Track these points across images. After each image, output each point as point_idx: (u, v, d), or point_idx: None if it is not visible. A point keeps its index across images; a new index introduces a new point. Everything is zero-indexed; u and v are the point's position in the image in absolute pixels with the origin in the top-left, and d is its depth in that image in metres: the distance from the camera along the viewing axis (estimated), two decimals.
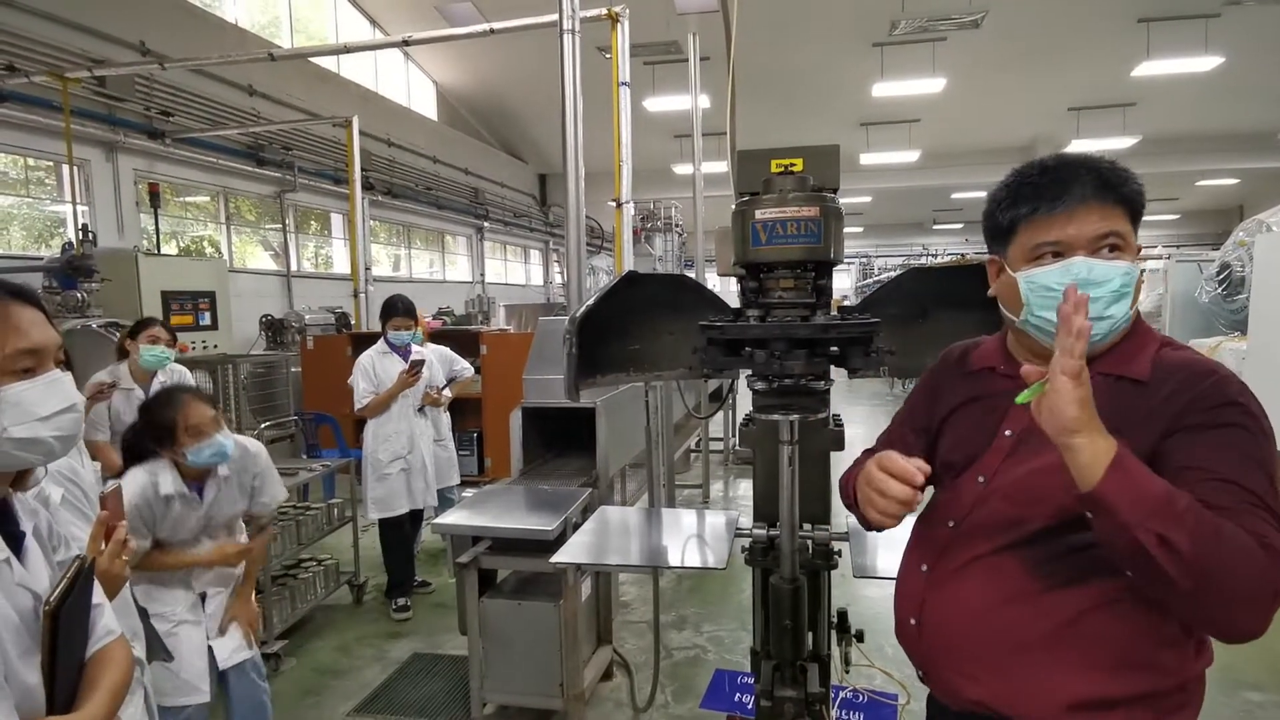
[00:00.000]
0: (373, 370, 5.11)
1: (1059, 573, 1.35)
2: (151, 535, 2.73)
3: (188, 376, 4.64)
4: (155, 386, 4.29)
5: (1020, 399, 1.24)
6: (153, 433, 2.73)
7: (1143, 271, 1.40)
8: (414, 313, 5.26)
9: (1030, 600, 1.37)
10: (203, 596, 2.91)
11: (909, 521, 1.56)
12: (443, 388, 5.43)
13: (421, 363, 5.11)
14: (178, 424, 2.69)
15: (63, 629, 1.30)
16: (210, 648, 2.87)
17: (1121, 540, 1.14)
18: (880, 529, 1.48)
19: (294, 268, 12.93)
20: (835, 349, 2.02)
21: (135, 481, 2.67)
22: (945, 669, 1.49)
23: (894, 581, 1.64)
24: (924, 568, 1.53)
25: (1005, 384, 1.47)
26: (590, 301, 2.11)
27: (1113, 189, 1.35)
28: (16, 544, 1.31)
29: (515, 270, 23.72)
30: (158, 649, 2.74)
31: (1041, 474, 1.34)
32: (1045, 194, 1.36)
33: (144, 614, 2.67)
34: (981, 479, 1.47)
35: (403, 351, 5.16)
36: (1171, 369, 1.33)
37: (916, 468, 1.39)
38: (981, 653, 1.42)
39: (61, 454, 1.38)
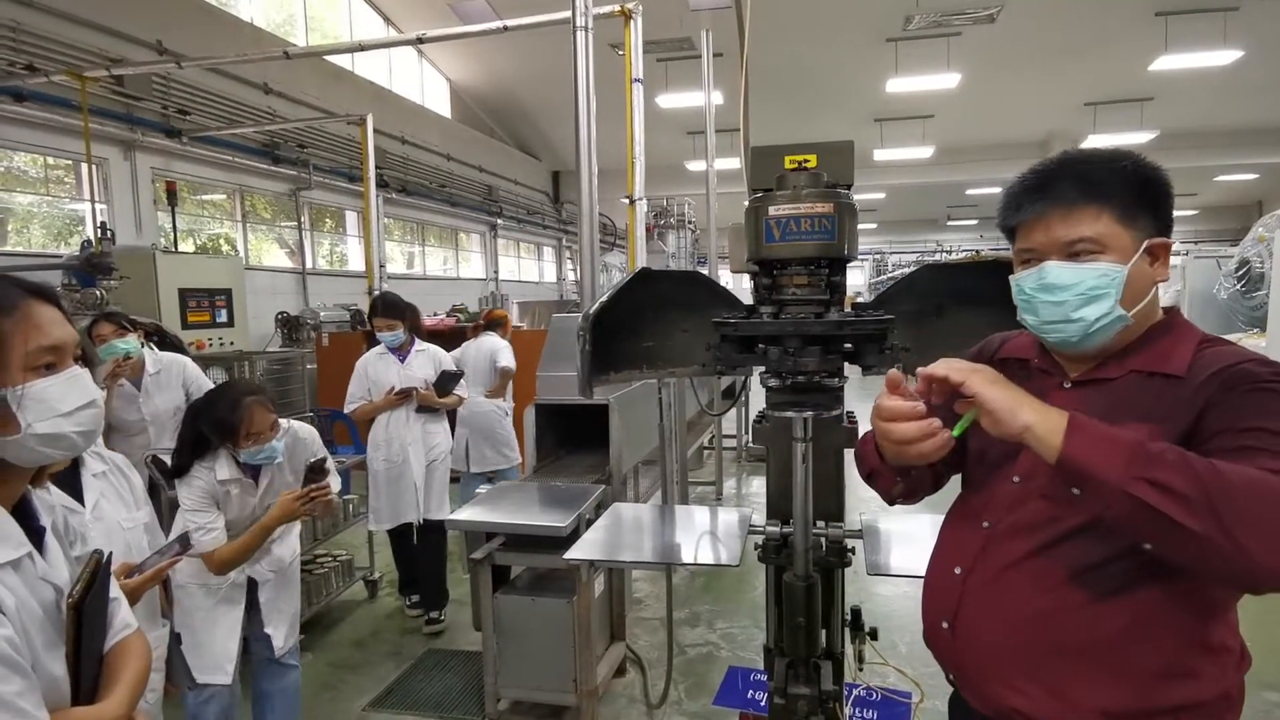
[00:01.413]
0: (365, 373, 4.91)
1: (1103, 581, 1.31)
2: (223, 515, 2.83)
3: (186, 367, 4.42)
4: (147, 379, 4.24)
5: (955, 433, 1.33)
6: (213, 427, 2.80)
7: (1158, 263, 1.39)
8: (399, 310, 4.87)
9: (1075, 610, 1.33)
10: (254, 585, 2.97)
11: (923, 520, 1.56)
12: (447, 389, 4.89)
13: (409, 392, 4.76)
14: (239, 430, 2.77)
15: (85, 622, 1.32)
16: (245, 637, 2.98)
17: (1117, 503, 1.13)
18: (913, 462, 1.40)
19: (309, 265, 13.01)
20: (849, 346, 2.01)
21: (196, 476, 2.80)
22: (983, 675, 1.45)
23: (907, 579, 1.63)
24: (958, 570, 1.49)
25: (1039, 378, 1.48)
26: (604, 298, 2.11)
27: (1090, 191, 1.34)
28: (38, 539, 1.33)
29: (529, 267, 23.76)
30: (182, 674, 2.78)
31: None
32: (1024, 201, 1.40)
33: (176, 639, 2.72)
34: (1016, 479, 1.44)
35: (399, 353, 4.87)
36: (1209, 362, 1.29)
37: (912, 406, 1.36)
38: (1023, 661, 1.38)
39: (83, 448, 1.40)
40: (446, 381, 4.87)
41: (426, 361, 4.91)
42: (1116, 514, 1.15)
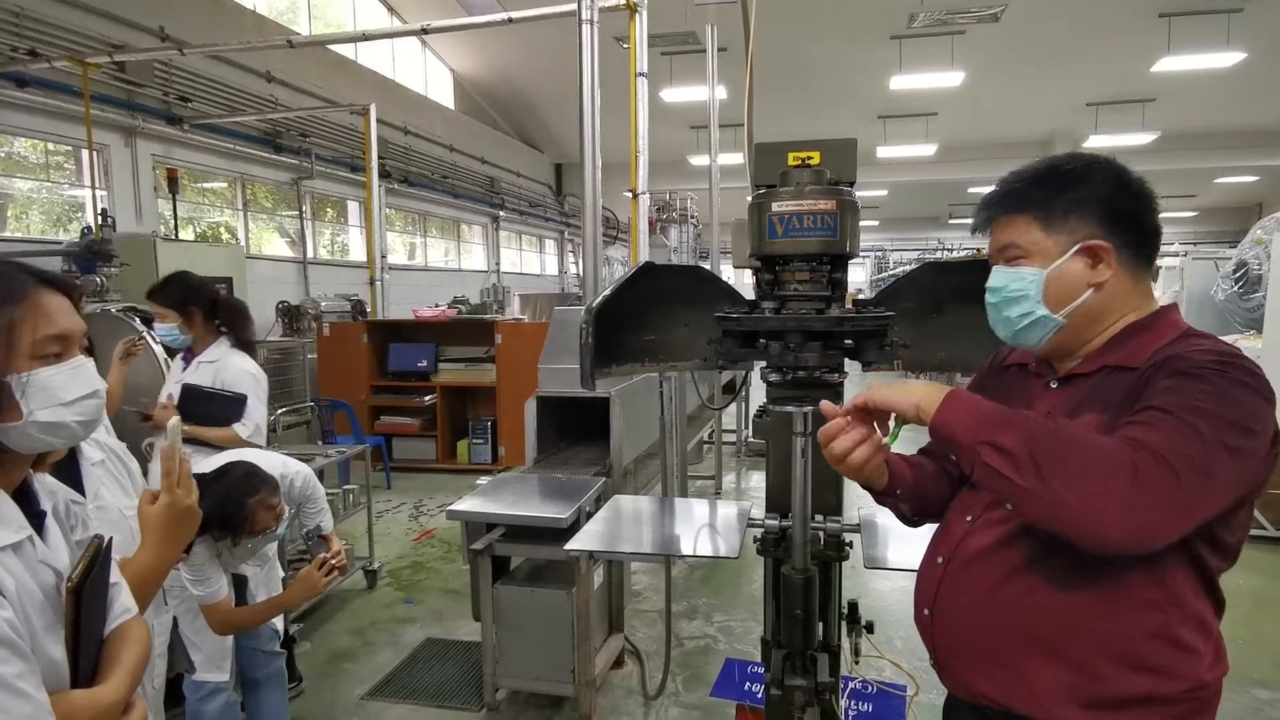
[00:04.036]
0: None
1: (1057, 571, 1.36)
2: (224, 574, 2.75)
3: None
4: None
5: (889, 441, 1.51)
6: (212, 517, 2.48)
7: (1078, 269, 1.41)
8: (172, 295, 3.44)
9: (1031, 597, 1.38)
10: (243, 581, 2.99)
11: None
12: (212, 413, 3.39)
13: (148, 416, 3.54)
14: (240, 529, 2.64)
15: (85, 605, 1.33)
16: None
17: (970, 463, 1.27)
18: (862, 479, 1.60)
19: (310, 255, 13.00)
20: (849, 342, 2.03)
21: (195, 548, 2.63)
22: (954, 660, 1.51)
23: (904, 574, 1.66)
24: (940, 559, 1.55)
25: (1034, 382, 1.54)
26: (607, 291, 2.13)
27: (1017, 202, 1.45)
28: (38, 523, 1.34)
29: (530, 259, 23.76)
30: (182, 659, 2.80)
31: None
32: (979, 213, 1.53)
33: (175, 622, 2.73)
34: None
35: (185, 357, 3.57)
36: (1164, 351, 1.33)
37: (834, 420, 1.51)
38: (988, 646, 1.44)
39: (83, 438, 1.41)
40: (200, 403, 3.35)
41: (211, 376, 3.45)
42: (976, 475, 1.27)
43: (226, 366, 3.46)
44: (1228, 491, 1.21)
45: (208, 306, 3.47)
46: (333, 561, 2.75)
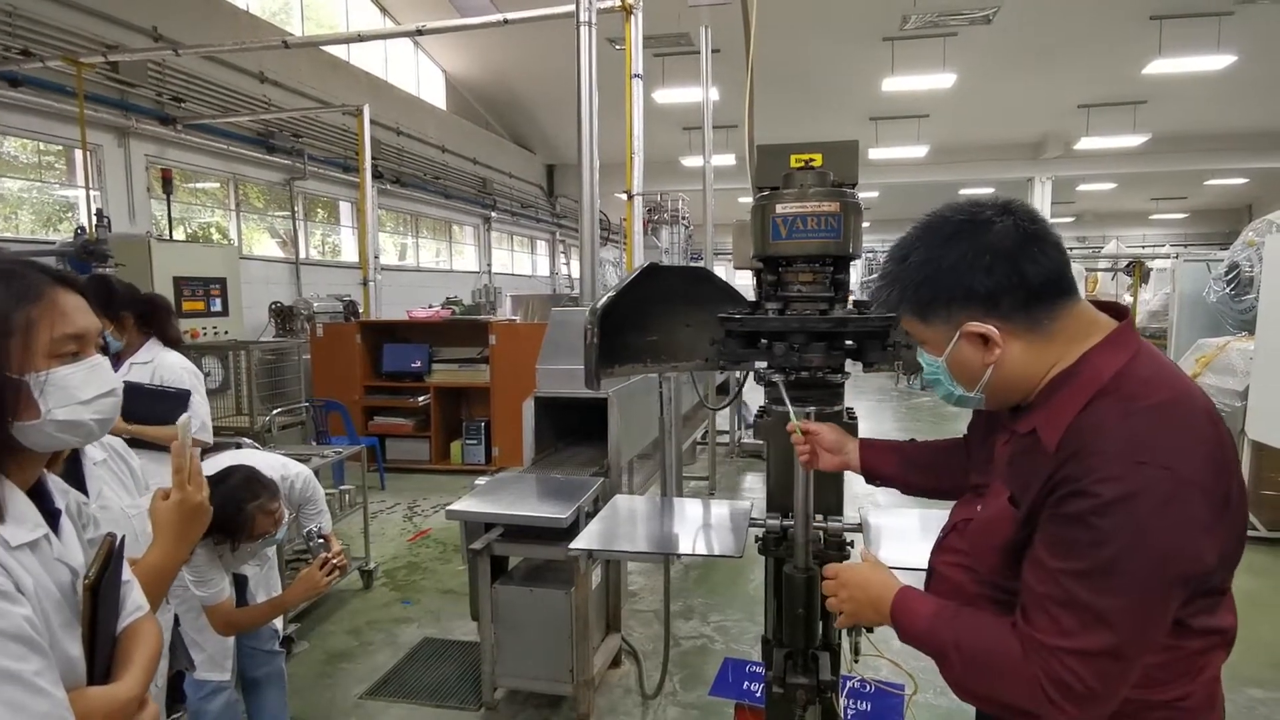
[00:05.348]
0: None
1: (1000, 597, 1.38)
2: (226, 575, 2.75)
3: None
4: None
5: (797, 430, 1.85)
6: (214, 522, 2.42)
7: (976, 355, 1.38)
8: (104, 300, 3.27)
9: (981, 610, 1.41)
10: (243, 581, 2.98)
11: (919, 515, 1.63)
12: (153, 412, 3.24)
13: None
14: (240, 534, 2.65)
15: (100, 603, 1.34)
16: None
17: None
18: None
19: (302, 255, 12.97)
20: (850, 343, 2.05)
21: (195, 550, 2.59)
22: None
23: (904, 572, 1.69)
24: (929, 560, 1.62)
25: (1003, 422, 1.48)
26: (612, 292, 2.14)
27: (889, 300, 1.44)
28: (53, 521, 1.35)
29: (521, 260, 23.73)
30: (182, 657, 2.80)
31: (981, 532, 1.42)
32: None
33: (175, 620, 2.73)
34: (980, 507, 1.49)
35: (116, 361, 3.34)
36: (1075, 442, 1.24)
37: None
38: None
39: (99, 436, 1.42)
40: (143, 401, 3.20)
41: (148, 376, 3.42)
42: None
43: (164, 365, 3.44)
44: (1172, 600, 1.20)
45: (140, 309, 3.47)
46: (334, 561, 2.76)
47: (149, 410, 3.21)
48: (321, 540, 2.89)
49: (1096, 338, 1.32)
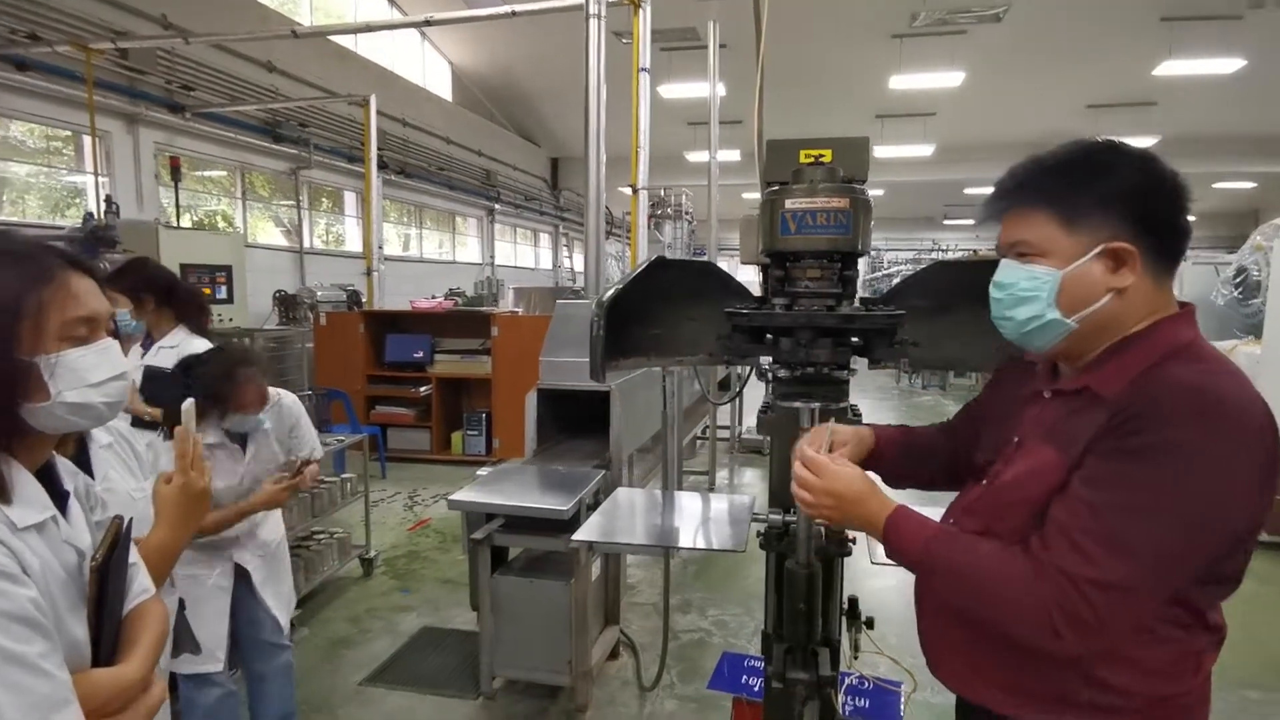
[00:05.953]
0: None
1: None
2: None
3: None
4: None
5: None
6: (201, 392, 2.62)
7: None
8: (126, 283, 3.48)
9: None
10: (246, 573, 2.98)
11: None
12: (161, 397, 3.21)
13: None
14: (229, 401, 2.76)
15: (107, 585, 1.35)
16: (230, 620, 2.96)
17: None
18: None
19: (307, 244, 12.98)
20: (857, 339, 2.05)
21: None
22: (926, 649, 1.60)
23: (899, 571, 1.69)
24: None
25: (1037, 383, 1.47)
26: (620, 285, 2.13)
27: (1033, 196, 1.36)
28: (61, 503, 1.35)
29: (524, 253, 23.73)
30: (187, 640, 2.79)
31: (1007, 489, 1.40)
32: (990, 202, 1.43)
33: (180, 604, 2.73)
34: (984, 482, 1.50)
35: (145, 343, 3.62)
36: (1145, 388, 1.22)
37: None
38: (945, 641, 1.53)
39: (109, 419, 1.42)
40: (161, 385, 3.25)
41: (173, 361, 3.29)
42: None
43: (190, 350, 3.40)
44: (1196, 558, 1.21)
45: (160, 294, 3.52)
46: (293, 480, 2.94)
47: (173, 395, 3.15)
48: (309, 464, 3.03)
49: (1169, 313, 1.33)
